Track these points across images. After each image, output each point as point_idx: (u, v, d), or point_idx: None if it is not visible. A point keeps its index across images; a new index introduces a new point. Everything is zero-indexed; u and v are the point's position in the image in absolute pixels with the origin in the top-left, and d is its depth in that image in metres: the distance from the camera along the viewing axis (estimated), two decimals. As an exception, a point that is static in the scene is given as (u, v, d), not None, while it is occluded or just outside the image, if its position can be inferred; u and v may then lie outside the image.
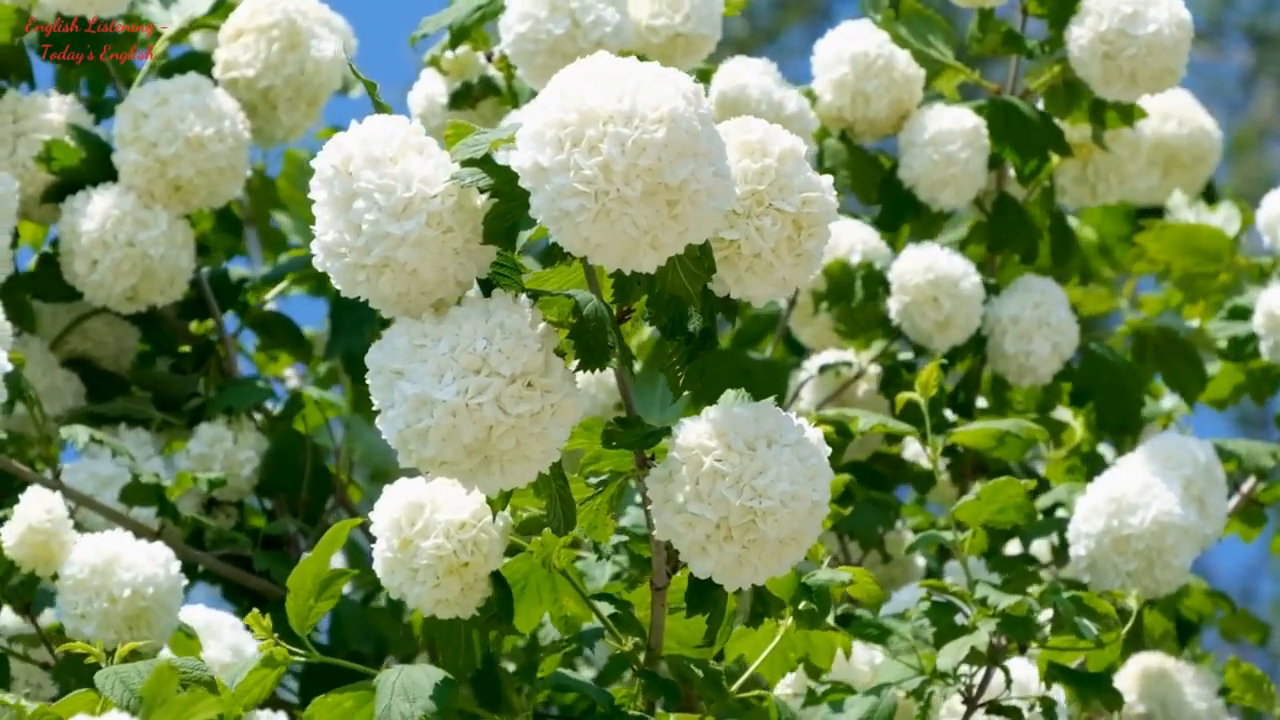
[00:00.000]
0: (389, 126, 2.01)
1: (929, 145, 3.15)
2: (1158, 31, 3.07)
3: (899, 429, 2.69)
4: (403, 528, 2.24)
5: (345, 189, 1.99)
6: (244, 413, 3.11)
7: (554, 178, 1.89)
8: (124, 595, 2.52)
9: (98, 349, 3.19)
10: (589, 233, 1.90)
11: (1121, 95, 3.13)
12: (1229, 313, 3.27)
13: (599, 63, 1.93)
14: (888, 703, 2.50)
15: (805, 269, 2.06)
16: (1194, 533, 2.95)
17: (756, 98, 3.12)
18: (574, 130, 1.89)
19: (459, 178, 1.98)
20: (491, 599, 2.25)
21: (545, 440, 2.00)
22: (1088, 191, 3.29)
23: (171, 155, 2.99)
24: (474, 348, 1.97)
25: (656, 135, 1.88)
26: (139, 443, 3.03)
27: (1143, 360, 3.30)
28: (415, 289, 2.00)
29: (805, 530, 2.04)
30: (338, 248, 2.00)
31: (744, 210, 2.02)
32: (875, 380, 3.30)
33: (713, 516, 2.00)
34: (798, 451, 2.04)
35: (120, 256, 2.99)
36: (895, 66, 3.20)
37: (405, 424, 1.97)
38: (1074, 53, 3.11)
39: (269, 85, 3.11)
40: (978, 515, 2.57)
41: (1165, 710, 3.12)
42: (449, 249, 1.99)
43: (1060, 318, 3.18)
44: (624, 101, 1.89)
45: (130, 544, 2.57)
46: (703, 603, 2.12)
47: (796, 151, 2.05)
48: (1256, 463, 3.19)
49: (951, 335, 3.14)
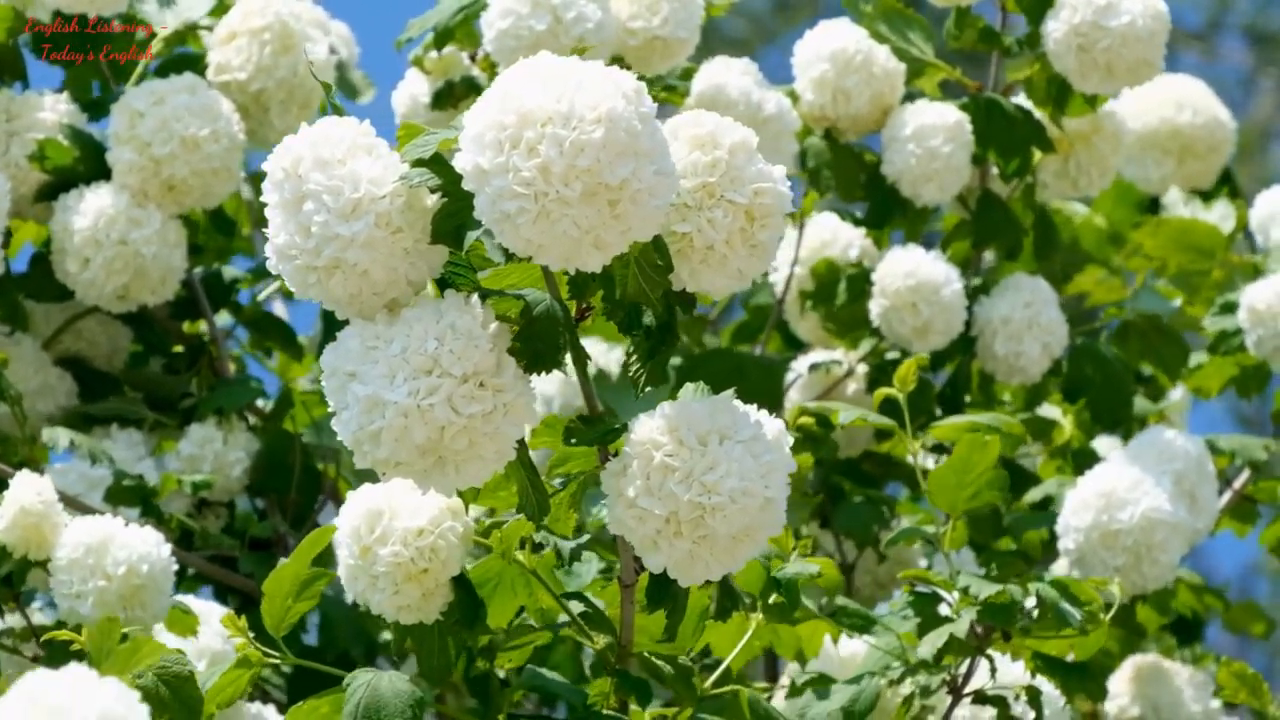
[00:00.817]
0: (338, 129, 2.01)
1: (911, 140, 3.15)
2: (1131, 23, 3.07)
3: (879, 423, 2.70)
4: (362, 535, 2.25)
5: (295, 191, 1.99)
6: (235, 413, 3.12)
7: (494, 180, 1.90)
8: (119, 573, 2.53)
9: (91, 348, 3.22)
10: (530, 234, 1.91)
11: (1099, 88, 3.13)
12: (1220, 308, 3.26)
13: (540, 63, 1.94)
14: (870, 692, 2.51)
15: (760, 260, 2.06)
16: (1183, 529, 2.94)
17: (735, 98, 3.13)
18: (513, 132, 1.90)
19: (407, 178, 1.99)
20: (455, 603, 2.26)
21: (498, 440, 2.00)
22: (1069, 185, 3.29)
23: (166, 155, 3.00)
24: (425, 348, 1.97)
25: (594, 135, 1.88)
26: (131, 443, 3.05)
27: (1125, 345, 3.29)
28: (367, 290, 2.01)
29: (758, 526, 2.03)
30: (289, 250, 2.01)
31: (695, 203, 2.02)
32: (864, 379, 3.30)
33: (661, 512, 2.00)
34: (751, 448, 2.03)
35: (112, 255, 3.01)
36: (875, 62, 3.20)
37: (358, 426, 1.98)
38: (1050, 46, 3.11)
39: (261, 88, 3.13)
40: (955, 499, 2.56)
41: (1158, 712, 3.12)
42: (399, 249, 2.00)
43: (1050, 317, 3.18)
44: (562, 102, 1.89)
45: (121, 526, 2.59)
46: (662, 598, 2.13)
47: (748, 144, 2.05)
48: (1249, 456, 3.19)
49: (931, 340, 3.15)
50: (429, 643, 2.28)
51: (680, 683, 2.26)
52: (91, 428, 3.09)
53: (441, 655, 2.28)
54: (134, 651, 2.17)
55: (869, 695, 2.51)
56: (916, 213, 3.23)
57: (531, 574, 2.29)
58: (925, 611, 2.56)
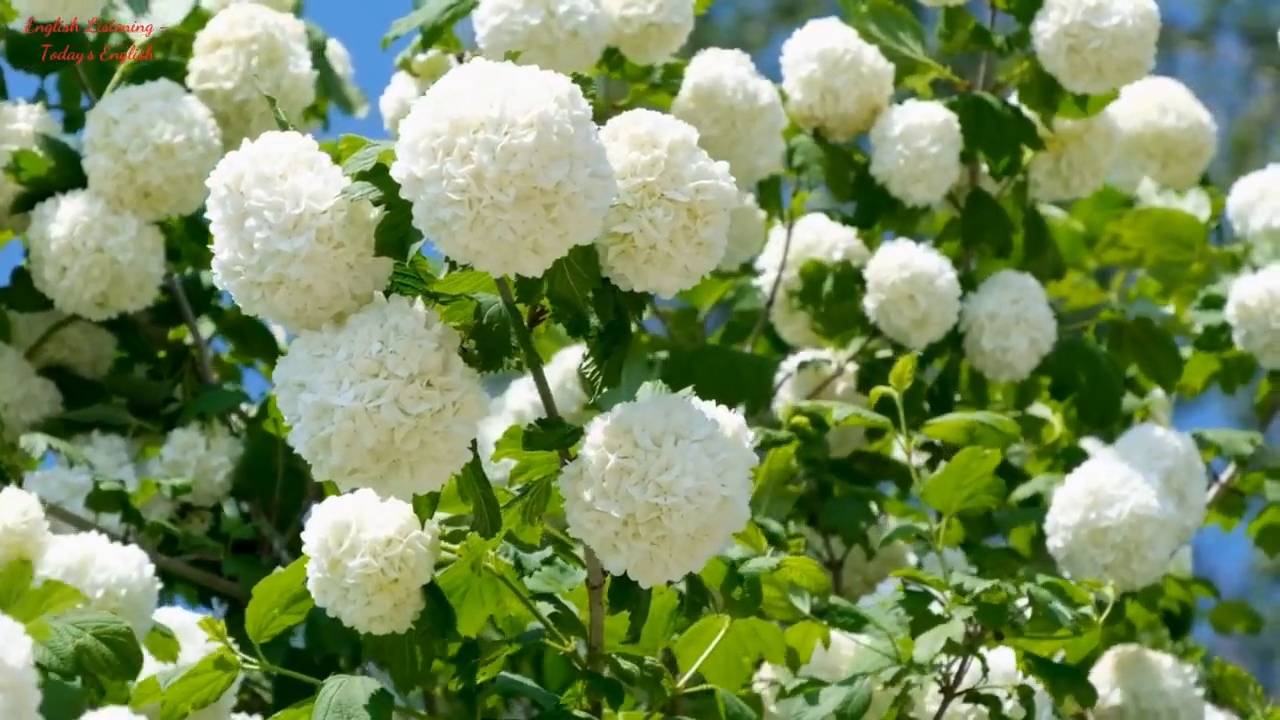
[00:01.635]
0: (280, 144, 2.01)
1: (899, 141, 3.15)
2: (1121, 23, 3.06)
3: (874, 421, 2.69)
4: (330, 548, 2.24)
5: (237, 207, 1.99)
6: (217, 418, 3.12)
7: (428, 188, 1.89)
8: (97, 596, 2.54)
9: (74, 356, 3.22)
10: (466, 240, 1.90)
11: (1089, 88, 3.13)
12: (1203, 302, 3.25)
13: (473, 69, 1.93)
14: (863, 693, 2.50)
15: (707, 257, 2.05)
16: (1172, 526, 2.94)
17: (732, 87, 3.13)
18: (446, 139, 1.89)
19: (349, 191, 1.99)
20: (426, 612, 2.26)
21: (450, 439, 2.00)
22: (1061, 185, 3.28)
23: (141, 161, 3.00)
24: (369, 351, 1.97)
25: (526, 140, 1.88)
26: (112, 449, 3.06)
27: (1119, 350, 3.28)
28: (311, 305, 2.00)
29: (716, 525, 2.02)
30: (233, 266, 2.01)
31: (636, 203, 2.01)
32: (854, 378, 3.29)
33: (618, 514, 2.00)
34: (707, 446, 2.02)
35: (89, 262, 3.01)
36: (863, 62, 3.19)
37: (309, 434, 1.98)
38: (1040, 47, 3.10)
39: (246, 98, 3.13)
40: (950, 500, 2.56)
41: (1138, 701, 3.11)
42: (341, 263, 2.00)
43: (1038, 313, 3.17)
44: (494, 108, 1.89)
45: (104, 546, 2.59)
46: (624, 600, 2.12)
47: (688, 141, 2.04)
48: (1235, 450, 3.18)
49: (928, 332, 3.14)
50: (400, 651, 2.28)
51: (649, 684, 2.25)
52: (73, 434, 3.10)
53: (413, 664, 2.28)
54: (45, 596, 2.16)
55: (862, 697, 2.50)
56: (907, 212, 3.23)
57: (500, 579, 2.29)
58: (918, 610, 2.55)
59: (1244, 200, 3.38)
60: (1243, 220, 3.37)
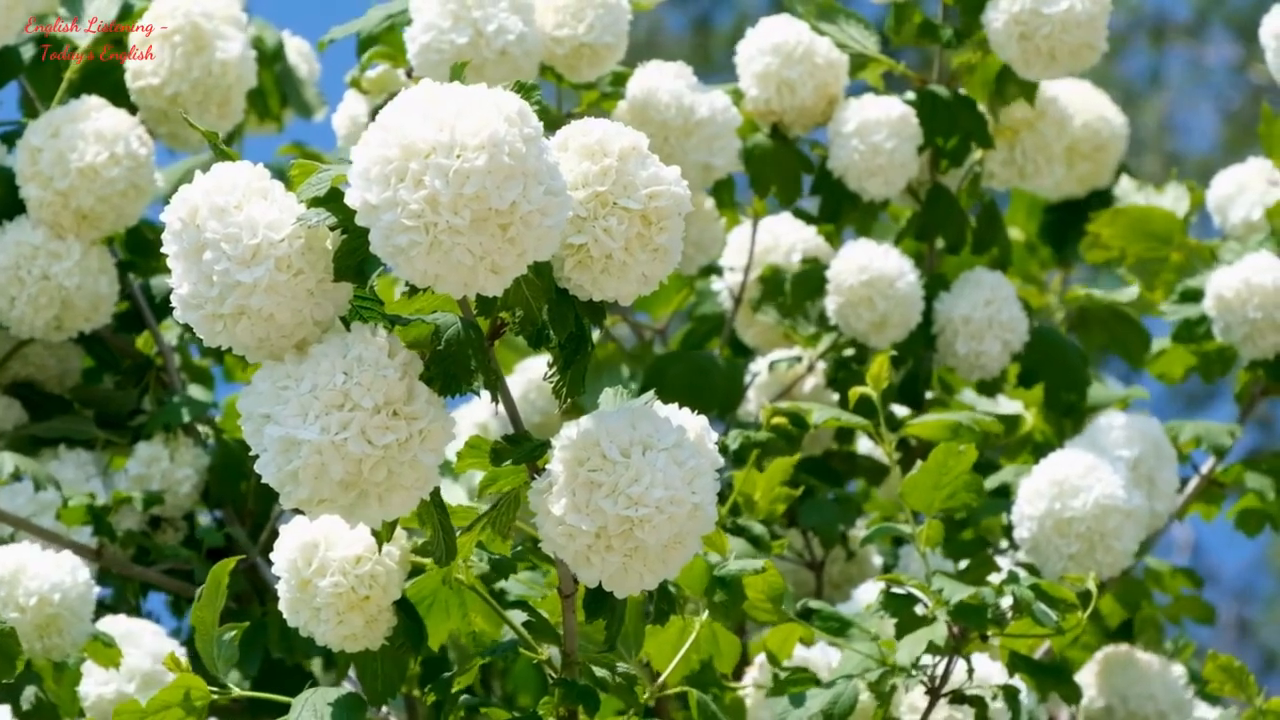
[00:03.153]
0: (233, 174, 2.01)
1: (854, 136, 3.16)
2: (1071, 8, 3.07)
3: (853, 422, 2.70)
4: (299, 569, 2.25)
5: (194, 241, 1.99)
6: (181, 429, 3.11)
7: (383, 215, 1.90)
8: (31, 603, 2.55)
9: (40, 372, 3.21)
10: (424, 265, 1.90)
11: (1043, 75, 3.14)
12: (1180, 295, 3.25)
13: (421, 92, 1.93)
14: (849, 695, 2.50)
15: (664, 263, 2.06)
16: (1138, 515, 2.95)
17: (666, 101, 3.12)
18: (398, 165, 1.89)
19: (304, 219, 1.99)
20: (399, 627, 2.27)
21: (417, 468, 2.00)
22: (1016, 173, 3.29)
23: (69, 187, 2.98)
24: (334, 383, 1.98)
25: (478, 162, 1.88)
26: (79, 463, 3.06)
27: (1085, 330, 3.29)
28: (274, 334, 2.01)
29: (688, 533, 2.04)
30: (193, 300, 2.01)
31: (589, 213, 2.02)
32: (824, 375, 3.30)
33: (590, 527, 2.01)
34: (675, 455, 2.03)
35: (36, 291, 3.01)
36: (817, 53, 3.19)
37: (277, 467, 1.99)
38: (991, 36, 3.11)
39: (175, 92, 3.10)
40: (930, 500, 2.56)
41: (1126, 704, 3.12)
42: (302, 290, 2.00)
43: (1011, 314, 3.18)
44: (444, 131, 1.89)
45: (36, 554, 2.59)
46: (599, 609, 2.13)
47: (638, 148, 2.04)
48: (1215, 442, 3.18)
49: (888, 334, 3.15)
50: (371, 666, 2.29)
51: (623, 690, 2.26)
52: (40, 450, 3.09)
53: (386, 678, 2.29)
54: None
55: (848, 698, 2.51)
56: (866, 208, 3.24)
57: (471, 589, 2.29)
58: (901, 612, 2.55)
59: (1223, 194, 3.39)
60: (1222, 213, 3.38)
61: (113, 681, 2.69)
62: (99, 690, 2.68)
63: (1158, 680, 3.13)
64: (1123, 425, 3.07)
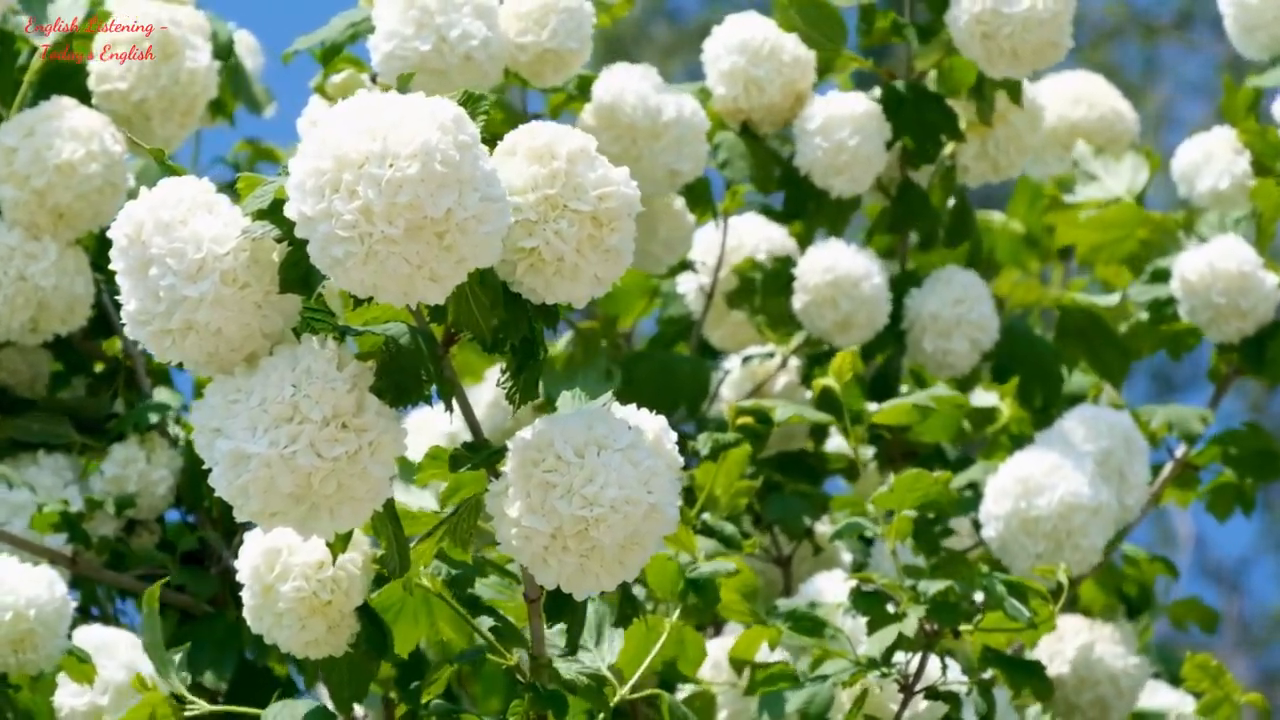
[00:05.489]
0: (177, 189, 2.01)
1: (818, 134, 3.15)
2: (1032, 7, 3.06)
3: (817, 418, 2.69)
4: (262, 574, 2.25)
5: (140, 257, 2.00)
6: (155, 430, 3.12)
7: (319, 226, 1.90)
8: (5, 619, 2.54)
9: (12, 377, 3.21)
10: (362, 275, 1.90)
11: (1008, 72, 3.13)
12: (1150, 276, 3.24)
13: (355, 103, 1.93)
14: (824, 693, 2.50)
15: (615, 264, 2.05)
16: (1105, 511, 2.94)
17: (632, 103, 3.11)
18: (331, 176, 1.89)
19: (249, 231, 1.99)
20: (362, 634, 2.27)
21: (368, 480, 2.00)
22: (990, 166, 3.27)
23: (46, 185, 2.98)
24: (282, 396, 1.98)
25: (410, 171, 1.88)
26: (57, 468, 3.06)
27: (1066, 341, 3.28)
28: (223, 348, 2.01)
29: (645, 533, 2.03)
30: (140, 316, 2.01)
31: (539, 216, 2.01)
32: (797, 372, 3.29)
33: (546, 528, 2.00)
34: (630, 455, 2.03)
35: (13, 292, 3.01)
36: (784, 50, 3.19)
37: (228, 482, 1.99)
38: (955, 35, 3.11)
39: (142, 98, 3.09)
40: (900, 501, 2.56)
41: (1076, 670, 3.11)
42: (249, 303, 2.00)
43: (980, 313, 3.17)
44: (376, 141, 1.89)
45: (11, 567, 2.59)
46: (560, 611, 2.14)
47: (586, 150, 2.04)
48: (1186, 429, 3.18)
49: (853, 335, 3.14)
50: (339, 673, 2.29)
51: (592, 693, 2.26)
52: (18, 454, 3.09)
53: (351, 685, 2.29)
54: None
55: (824, 697, 2.51)
56: (836, 206, 3.23)
57: (438, 596, 2.29)
58: (873, 611, 2.54)
59: (1189, 162, 3.37)
60: (1188, 182, 3.36)
61: (86, 694, 2.69)
62: (72, 702, 2.68)
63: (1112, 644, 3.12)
64: (1091, 419, 3.05)
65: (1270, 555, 9.09)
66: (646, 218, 3.19)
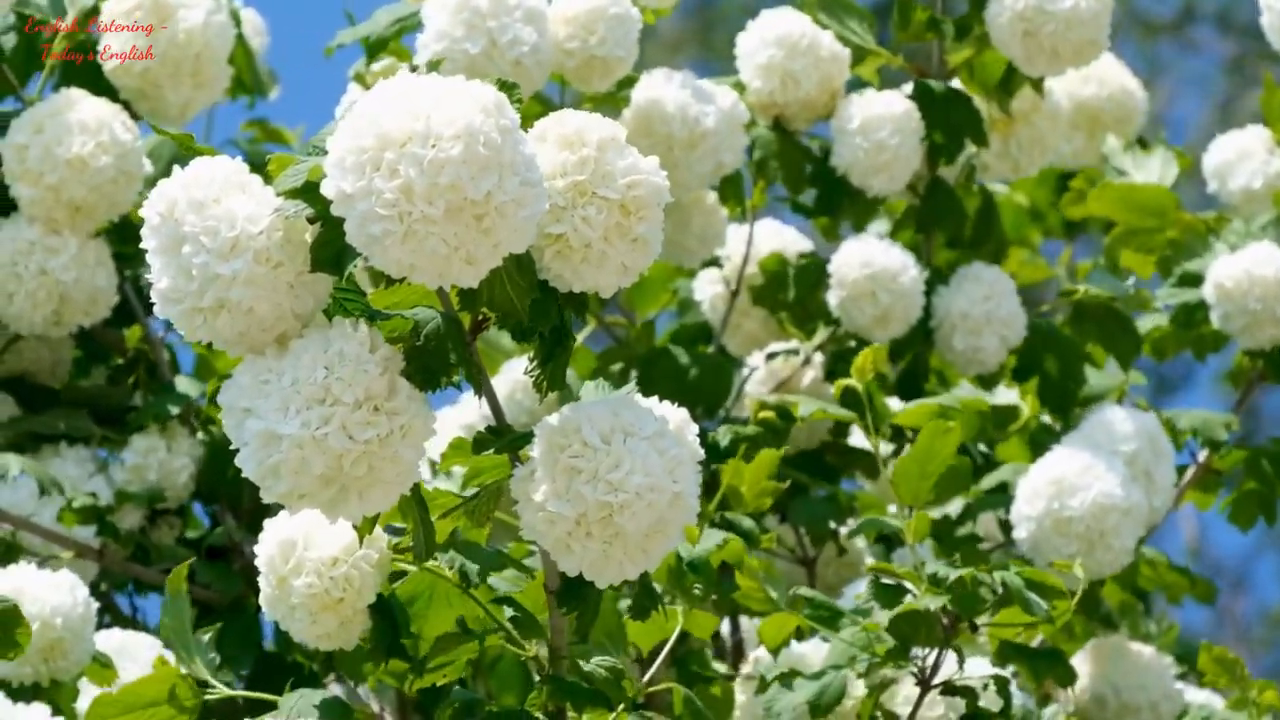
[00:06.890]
0: (210, 168, 2.02)
1: (858, 134, 3.15)
2: (1075, 5, 3.07)
3: (840, 415, 2.69)
4: (277, 566, 2.25)
5: (173, 235, 2.00)
6: (177, 419, 3.11)
7: (358, 204, 1.90)
8: (34, 629, 2.54)
9: (34, 365, 3.22)
10: (399, 255, 1.91)
11: (1045, 71, 3.15)
12: (1180, 279, 3.23)
13: (398, 83, 1.94)
14: (836, 684, 2.50)
15: (643, 253, 2.06)
16: (1136, 512, 2.94)
17: (671, 111, 3.11)
18: (373, 154, 1.89)
19: (282, 210, 1.99)
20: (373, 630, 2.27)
21: (398, 463, 2.00)
22: (1010, 166, 3.28)
23: (59, 181, 2.98)
24: (315, 378, 1.98)
25: (453, 152, 1.88)
26: (80, 460, 3.06)
27: (1080, 328, 3.28)
28: (254, 327, 2.01)
29: (669, 521, 2.03)
30: (172, 294, 2.01)
31: (568, 203, 2.02)
32: (822, 368, 3.29)
33: (570, 513, 2.01)
34: (655, 443, 2.03)
35: (34, 286, 3.01)
36: (821, 45, 3.19)
37: (257, 461, 1.99)
38: (994, 33, 3.11)
39: (146, 68, 3.10)
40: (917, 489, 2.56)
41: (1119, 694, 3.11)
42: (282, 283, 2.00)
43: (1009, 310, 3.18)
44: (419, 121, 1.89)
45: (35, 576, 2.60)
46: (574, 599, 2.14)
47: (616, 138, 2.04)
48: (1210, 435, 3.16)
49: (891, 329, 3.14)
50: (354, 665, 2.29)
51: (611, 685, 2.26)
52: (40, 446, 3.09)
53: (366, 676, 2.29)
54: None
55: (835, 688, 2.50)
56: (865, 202, 3.23)
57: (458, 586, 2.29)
58: (892, 603, 2.53)
59: (1222, 160, 3.35)
60: (1220, 180, 3.34)
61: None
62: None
63: (1149, 670, 3.12)
64: (1120, 420, 3.05)
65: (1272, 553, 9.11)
66: (681, 210, 3.20)
